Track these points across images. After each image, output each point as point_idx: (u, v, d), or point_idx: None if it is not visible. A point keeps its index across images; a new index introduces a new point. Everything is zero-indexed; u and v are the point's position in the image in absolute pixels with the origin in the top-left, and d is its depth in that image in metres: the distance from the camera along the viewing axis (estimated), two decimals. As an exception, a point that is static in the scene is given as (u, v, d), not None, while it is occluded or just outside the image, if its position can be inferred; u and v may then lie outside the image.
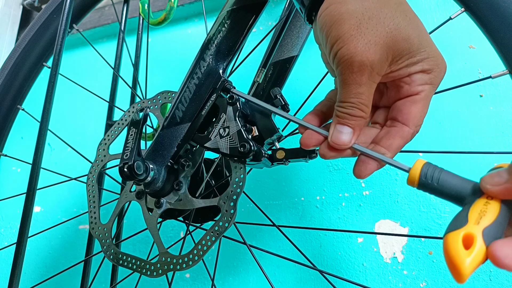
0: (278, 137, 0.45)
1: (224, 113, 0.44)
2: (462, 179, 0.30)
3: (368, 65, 0.31)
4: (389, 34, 0.31)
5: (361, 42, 0.31)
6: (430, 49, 0.33)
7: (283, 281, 0.74)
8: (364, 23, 0.31)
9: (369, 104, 0.34)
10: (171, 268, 0.43)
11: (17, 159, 0.71)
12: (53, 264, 0.97)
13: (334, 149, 0.35)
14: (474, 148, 0.69)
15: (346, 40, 0.31)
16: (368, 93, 0.33)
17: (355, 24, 0.31)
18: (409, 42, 0.32)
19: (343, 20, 0.31)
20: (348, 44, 0.31)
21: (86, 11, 0.71)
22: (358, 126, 0.34)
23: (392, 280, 0.67)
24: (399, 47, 0.32)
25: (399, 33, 0.31)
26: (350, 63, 0.31)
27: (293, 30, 0.56)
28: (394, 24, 0.31)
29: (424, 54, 0.33)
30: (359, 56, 0.31)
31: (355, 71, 0.31)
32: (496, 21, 0.41)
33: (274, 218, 0.78)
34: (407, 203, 0.70)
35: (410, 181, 0.31)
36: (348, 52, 0.31)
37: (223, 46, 0.44)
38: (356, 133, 0.34)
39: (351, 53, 0.31)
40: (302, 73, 0.85)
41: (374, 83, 0.33)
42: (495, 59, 0.43)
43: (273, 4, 0.94)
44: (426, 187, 0.30)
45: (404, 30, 0.32)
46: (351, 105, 0.33)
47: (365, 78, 0.32)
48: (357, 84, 0.32)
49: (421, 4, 0.80)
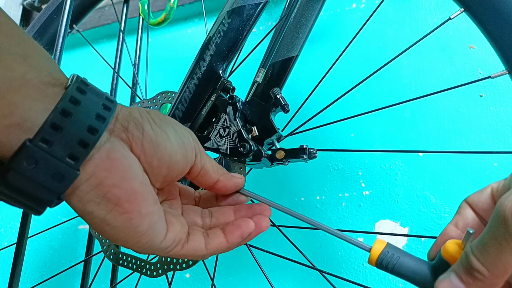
0: (277, 137, 0.45)
1: (224, 113, 0.44)
2: (419, 263, 0.30)
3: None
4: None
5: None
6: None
7: (283, 281, 0.74)
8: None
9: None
10: (171, 268, 0.43)
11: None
12: (53, 264, 0.97)
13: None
14: (474, 148, 0.69)
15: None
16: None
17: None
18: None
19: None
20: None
21: (86, 11, 0.71)
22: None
23: (392, 280, 0.67)
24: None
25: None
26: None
27: (293, 30, 0.57)
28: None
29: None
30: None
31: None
32: (495, 21, 0.41)
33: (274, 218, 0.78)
34: (407, 203, 0.70)
35: (370, 262, 0.32)
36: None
37: (223, 46, 0.44)
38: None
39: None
40: (302, 73, 0.85)
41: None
42: (495, 59, 0.43)
43: (273, 4, 0.94)
44: (384, 269, 0.31)
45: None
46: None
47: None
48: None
49: (421, 4, 0.80)
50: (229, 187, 0.37)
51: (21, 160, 0.23)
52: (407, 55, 0.76)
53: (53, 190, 0.24)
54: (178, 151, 0.30)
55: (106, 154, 0.26)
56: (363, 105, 0.78)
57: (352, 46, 0.51)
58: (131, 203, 0.27)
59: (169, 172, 0.30)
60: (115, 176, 0.26)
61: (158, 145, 0.29)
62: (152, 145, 0.28)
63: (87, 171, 0.25)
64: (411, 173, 0.71)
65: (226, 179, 0.36)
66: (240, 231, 0.34)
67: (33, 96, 0.23)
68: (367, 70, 0.50)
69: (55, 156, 0.23)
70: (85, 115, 0.25)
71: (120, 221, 0.27)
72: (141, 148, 0.28)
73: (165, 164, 0.29)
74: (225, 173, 0.36)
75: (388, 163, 0.73)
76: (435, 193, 0.68)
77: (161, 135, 0.29)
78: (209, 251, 0.33)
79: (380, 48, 0.80)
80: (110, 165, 0.26)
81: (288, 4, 0.57)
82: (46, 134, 0.23)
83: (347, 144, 0.77)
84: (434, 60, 0.75)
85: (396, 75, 0.77)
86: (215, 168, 0.35)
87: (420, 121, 0.73)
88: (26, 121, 0.23)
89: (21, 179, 0.23)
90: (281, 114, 0.47)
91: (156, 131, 0.29)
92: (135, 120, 0.28)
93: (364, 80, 0.50)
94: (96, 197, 0.26)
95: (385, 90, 0.77)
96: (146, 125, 0.28)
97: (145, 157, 0.28)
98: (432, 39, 0.76)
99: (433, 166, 0.70)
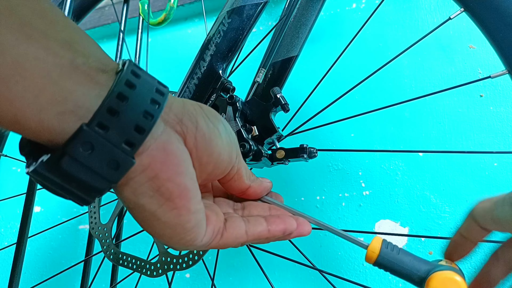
0: (278, 136, 0.45)
1: (224, 113, 0.44)
2: (417, 261, 0.30)
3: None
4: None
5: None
6: None
7: (283, 281, 0.74)
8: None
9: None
10: (171, 268, 0.43)
11: (17, 159, 0.70)
12: (53, 264, 0.97)
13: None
14: (474, 148, 0.69)
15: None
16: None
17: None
18: None
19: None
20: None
21: (86, 11, 0.71)
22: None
23: (392, 280, 0.67)
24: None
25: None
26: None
27: (293, 30, 0.57)
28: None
29: None
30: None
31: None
32: (496, 21, 0.41)
33: (274, 218, 0.78)
34: (407, 203, 0.70)
35: (367, 260, 0.32)
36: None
37: (223, 46, 0.44)
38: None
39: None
40: (302, 73, 0.85)
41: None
42: (495, 59, 0.43)
43: (273, 4, 0.94)
44: (383, 268, 0.31)
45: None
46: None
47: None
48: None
49: (421, 4, 0.80)
50: (259, 192, 0.36)
51: (77, 145, 0.22)
52: (407, 55, 0.76)
53: (108, 178, 0.23)
54: (226, 150, 0.29)
55: (162, 146, 0.25)
56: (363, 105, 0.78)
57: (352, 46, 0.51)
58: (182, 199, 0.26)
59: (214, 170, 0.29)
60: (170, 169, 0.25)
61: (210, 141, 0.28)
62: (205, 141, 0.27)
63: (144, 162, 0.24)
64: (411, 173, 0.71)
65: (256, 185, 0.35)
66: (284, 225, 0.32)
67: (84, 82, 0.22)
68: (367, 70, 0.50)
69: (112, 141, 0.22)
70: (141, 99, 0.24)
71: (170, 216, 0.26)
72: (194, 143, 0.27)
73: (212, 162, 0.29)
74: (256, 179, 0.35)
75: (388, 163, 0.73)
76: (435, 193, 0.68)
77: (213, 131, 0.28)
78: (250, 238, 0.32)
79: (380, 48, 0.80)
80: (166, 158, 0.25)
81: (288, 4, 0.57)
82: (102, 118, 0.22)
83: (347, 144, 0.77)
84: (434, 60, 0.75)
85: (396, 75, 0.77)
86: (247, 173, 0.34)
87: (420, 121, 0.73)
88: (80, 107, 0.22)
89: (76, 165, 0.22)
90: (282, 114, 0.47)
91: (209, 126, 0.28)
92: (189, 112, 0.27)
93: (364, 80, 0.50)
94: (150, 189, 0.25)
95: (385, 90, 0.77)
96: (200, 119, 0.27)
97: (197, 152, 0.27)
98: (432, 39, 0.76)
99: (433, 166, 0.70)
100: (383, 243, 0.31)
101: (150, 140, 0.24)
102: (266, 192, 0.37)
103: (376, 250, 0.30)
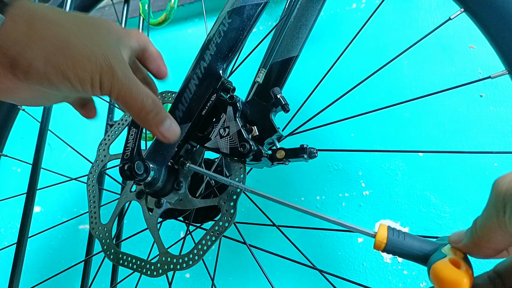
0: (278, 137, 0.45)
1: (224, 113, 0.44)
2: (424, 242, 0.31)
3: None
4: None
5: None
6: None
7: (283, 281, 0.74)
8: None
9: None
10: (171, 268, 0.43)
11: (17, 159, 0.71)
12: (53, 264, 0.97)
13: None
14: (474, 148, 0.69)
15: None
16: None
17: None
18: None
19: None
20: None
21: (86, 11, 0.71)
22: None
23: (392, 280, 0.67)
24: None
25: None
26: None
27: (293, 30, 0.57)
28: None
29: None
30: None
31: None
32: (495, 21, 0.41)
33: (274, 218, 0.77)
34: (407, 203, 0.70)
35: (376, 248, 0.32)
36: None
37: (223, 46, 0.44)
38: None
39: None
40: (302, 73, 0.85)
41: None
42: (495, 59, 0.43)
43: (273, 4, 0.95)
44: (391, 253, 0.32)
45: None
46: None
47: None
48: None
49: (421, 4, 0.80)
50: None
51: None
52: (407, 55, 0.76)
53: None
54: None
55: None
56: (363, 105, 0.78)
57: (352, 46, 0.51)
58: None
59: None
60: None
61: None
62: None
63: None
64: (411, 173, 0.71)
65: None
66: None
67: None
68: (367, 70, 0.50)
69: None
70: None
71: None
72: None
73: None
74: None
75: (388, 163, 0.73)
76: (435, 193, 0.68)
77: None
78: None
79: (380, 48, 0.80)
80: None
81: (288, 4, 0.57)
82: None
83: (347, 144, 0.77)
84: (434, 60, 0.75)
85: (396, 75, 0.77)
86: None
87: (420, 121, 0.73)
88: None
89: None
90: (282, 114, 0.47)
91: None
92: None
93: (364, 80, 0.50)
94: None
95: (385, 90, 0.77)
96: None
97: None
98: (432, 39, 0.76)
99: (433, 166, 0.70)
100: (389, 230, 0.31)
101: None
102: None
103: (383, 238, 0.31)
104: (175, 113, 0.45)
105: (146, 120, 0.35)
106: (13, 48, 0.28)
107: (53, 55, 0.29)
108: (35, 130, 0.62)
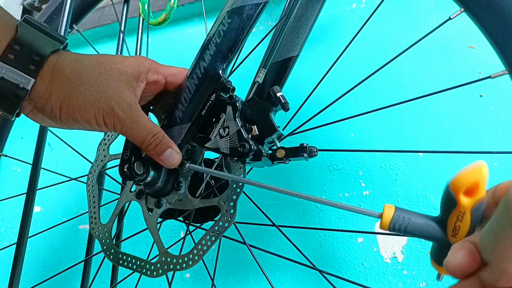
0: (278, 136, 0.45)
1: (224, 113, 0.44)
2: (428, 219, 0.31)
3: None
4: None
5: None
6: None
7: (283, 281, 0.74)
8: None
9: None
10: (171, 268, 0.43)
11: (17, 159, 0.71)
12: (53, 264, 0.97)
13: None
14: (474, 148, 0.69)
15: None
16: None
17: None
18: None
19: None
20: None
21: (86, 11, 0.71)
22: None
23: (392, 280, 0.67)
24: None
25: None
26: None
27: (293, 30, 0.57)
28: None
29: None
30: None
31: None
32: (495, 21, 0.41)
33: (274, 218, 0.78)
34: (407, 203, 0.70)
35: (382, 227, 0.32)
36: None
37: (223, 46, 0.44)
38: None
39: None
40: (302, 73, 0.85)
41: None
42: (495, 59, 0.43)
43: (273, 4, 0.95)
44: (397, 231, 0.32)
45: None
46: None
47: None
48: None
49: (421, 4, 0.80)
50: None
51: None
52: (407, 55, 0.76)
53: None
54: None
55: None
56: (363, 105, 0.78)
57: (352, 46, 0.51)
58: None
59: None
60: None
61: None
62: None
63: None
64: (411, 173, 0.71)
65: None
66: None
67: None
68: (367, 70, 0.50)
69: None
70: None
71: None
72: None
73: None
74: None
75: (388, 163, 0.73)
76: (435, 193, 0.68)
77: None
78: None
79: (380, 48, 0.80)
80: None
81: (288, 4, 0.57)
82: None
83: (347, 144, 0.77)
84: (434, 60, 0.75)
85: (396, 75, 0.77)
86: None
87: (420, 121, 0.73)
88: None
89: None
90: (282, 114, 0.47)
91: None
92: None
93: (364, 80, 0.50)
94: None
95: (385, 90, 0.77)
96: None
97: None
98: (432, 39, 0.76)
99: (433, 166, 0.70)
100: (396, 210, 0.31)
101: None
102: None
103: (389, 217, 0.31)
104: (175, 113, 0.45)
105: (147, 150, 0.41)
106: (39, 100, 0.37)
107: (65, 103, 0.37)
108: (35, 130, 0.62)
